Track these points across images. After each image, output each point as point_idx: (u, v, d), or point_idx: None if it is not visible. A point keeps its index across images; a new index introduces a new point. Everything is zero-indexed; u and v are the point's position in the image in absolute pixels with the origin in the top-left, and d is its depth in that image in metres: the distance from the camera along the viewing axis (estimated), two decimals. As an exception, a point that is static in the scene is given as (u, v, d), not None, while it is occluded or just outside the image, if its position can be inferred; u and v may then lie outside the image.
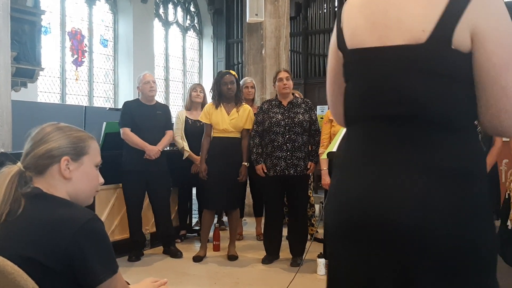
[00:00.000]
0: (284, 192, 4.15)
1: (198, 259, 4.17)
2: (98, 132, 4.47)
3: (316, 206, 5.11)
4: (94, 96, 9.28)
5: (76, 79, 8.98)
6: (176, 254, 4.30)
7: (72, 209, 1.26)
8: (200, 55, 11.93)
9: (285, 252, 4.20)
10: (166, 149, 4.49)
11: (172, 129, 4.45)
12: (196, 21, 11.81)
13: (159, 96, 10.28)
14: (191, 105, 4.92)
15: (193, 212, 5.45)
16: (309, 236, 4.41)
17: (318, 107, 7.20)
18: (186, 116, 4.84)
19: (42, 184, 1.30)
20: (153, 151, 4.14)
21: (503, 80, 1.05)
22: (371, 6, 1.16)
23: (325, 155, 3.24)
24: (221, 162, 4.14)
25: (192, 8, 11.69)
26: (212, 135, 4.26)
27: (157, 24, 10.53)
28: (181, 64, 11.42)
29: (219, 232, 4.62)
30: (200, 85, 5.10)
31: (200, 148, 4.30)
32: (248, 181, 4.83)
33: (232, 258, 4.21)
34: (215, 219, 4.89)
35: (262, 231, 4.50)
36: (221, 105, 4.21)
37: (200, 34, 11.88)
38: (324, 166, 3.89)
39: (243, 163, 4.18)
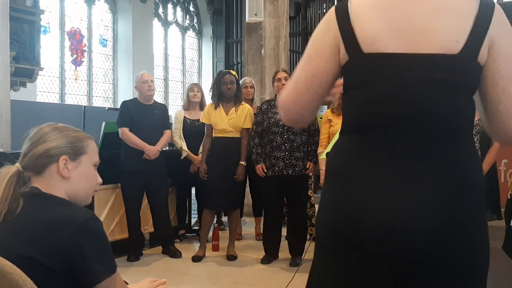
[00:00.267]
0: (284, 192, 4.15)
1: (197, 259, 4.17)
2: (97, 132, 4.47)
3: (316, 206, 5.09)
4: (93, 96, 9.28)
5: (75, 79, 8.97)
6: (175, 254, 4.29)
7: (71, 208, 1.27)
8: (200, 55, 11.93)
9: (284, 252, 4.19)
10: (165, 148, 4.49)
11: (170, 128, 4.45)
12: (195, 21, 11.81)
13: (159, 95, 10.27)
14: (189, 105, 4.92)
15: (192, 212, 5.45)
16: (308, 236, 4.41)
17: (318, 107, 7.19)
18: (185, 116, 4.84)
19: (41, 184, 1.30)
20: (152, 151, 4.14)
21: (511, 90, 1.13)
22: (392, 11, 1.11)
23: (324, 155, 3.23)
24: (221, 162, 4.14)
25: (192, 8, 11.69)
26: (213, 135, 4.26)
27: (156, 24, 10.53)
28: (180, 64, 11.42)
29: (218, 232, 4.63)
30: (197, 84, 5.10)
31: (199, 148, 4.29)
32: (248, 181, 4.83)
33: (231, 258, 4.21)
34: (214, 219, 4.89)
35: (262, 231, 4.51)
36: (220, 105, 4.21)
37: (199, 34, 11.88)
38: (322, 166, 3.88)
39: (240, 162, 4.18)
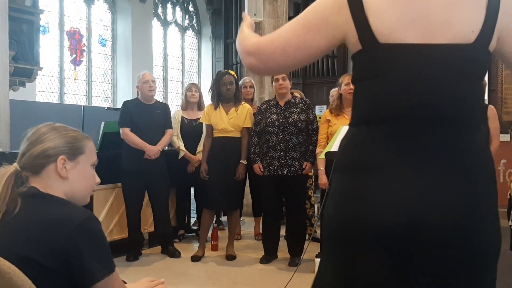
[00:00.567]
0: (282, 192, 4.15)
1: (196, 259, 4.17)
2: (97, 132, 4.47)
3: (316, 206, 5.10)
4: (92, 96, 9.28)
5: (75, 79, 8.97)
6: (174, 254, 4.29)
7: (69, 208, 1.27)
8: (199, 55, 11.93)
9: (283, 252, 4.20)
10: (165, 148, 4.49)
11: (171, 128, 4.45)
12: (194, 20, 11.81)
13: (158, 95, 10.22)
14: (187, 105, 4.92)
15: (191, 211, 5.45)
16: (307, 236, 4.41)
17: (317, 107, 7.21)
18: (182, 116, 4.84)
19: (39, 184, 1.30)
20: (152, 151, 4.14)
21: None
22: (407, 4, 1.12)
23: (323, 155, 3.22)
24: (221, 162, 4.14)
25: (191, 8, 11.69)
26: (213, 135, 4.26)
27: (155, 23, 10.53)
28: (179, 64, 11.42)
29: (218, 232, 4.63)
30: (195, 84, 5.10)
31: (196, 148, 4.28)
32: (248, 180, 4.83)
33: (230, 258, 4.21)
34: (214, 219, 4.89)
35: (261, 231, 4.51)
36: (220, 105, 4.21)
37: (198, 33, 11.88)
38: (321, 166, 3.88)
39: (241, 161, 4.18)
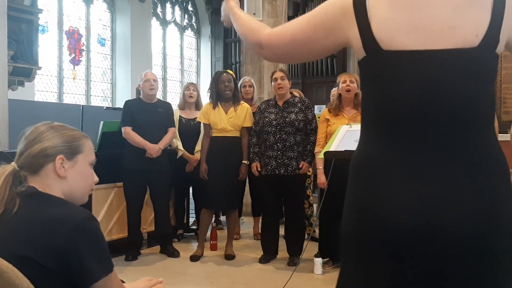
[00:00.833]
0: (280, 192, 4.14)
1: (195, 258, 4.17)
2: (96, 131, 4.46)
3: (315, 206, 5.10)
4: (91, 95, 9.28)
5: (74, 78, 8.97)
6: (173, 254, 4.29)
7: (67, 208, 1.26)
8: (198, 55, 11.93)
9: (282, 251, 4.19)
10: (167, 148, 4.47)
11: (174, 126, 4.44)
12: (194, 20, 11.81)
13: (157, 95, 10.25)
14: (184, 104, 4.92)
15: (190, 211, 5.45)
16: (306, 236, 4.41)
17: (316, 106, 7.20)
18: (180, 115, 4.83)
19: (37, 183, 1.29)
20: (153, 149, 4.13)
21: None
22: (410, 9, 1.13)
23: (321, 155, 3.22)
24: (220, 162, 4.14)
25: (190, 7, 11.69)
26: (212, 134, 4.25)
27: (155, 23, 10.53)
28: (179, 63, 11.42)
29: (217, 232, 4.62)
30: (193, 84, 5.10)
31: (194, 147, 4.27)
32: (248, 180, 4.83)
33: (229, 257, 4.21)
34: (213, 219, 4.88)
35: (260, 230, 4.50)
36: (219, 104, 4.21)
37: (198, 33, 11.88)
38: (320, 165, 3.88)
39: (243, 161, 4.18)
